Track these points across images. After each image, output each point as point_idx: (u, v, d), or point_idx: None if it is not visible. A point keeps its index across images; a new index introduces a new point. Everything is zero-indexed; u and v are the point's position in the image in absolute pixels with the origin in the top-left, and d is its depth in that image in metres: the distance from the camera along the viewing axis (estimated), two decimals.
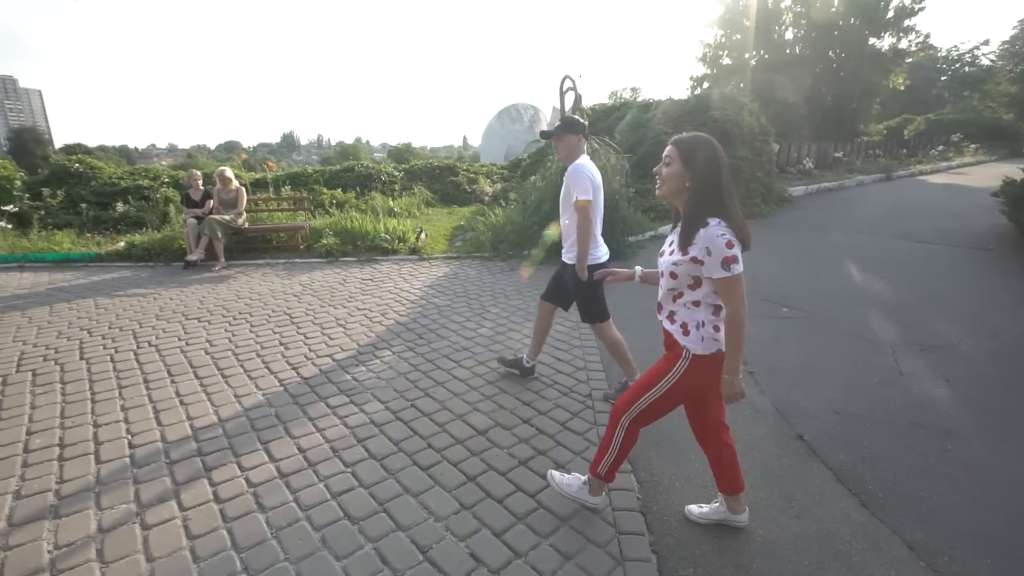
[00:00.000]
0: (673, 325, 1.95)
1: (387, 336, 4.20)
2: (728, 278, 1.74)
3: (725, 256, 1.72)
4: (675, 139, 1.88)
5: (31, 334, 4.22)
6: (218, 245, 6.52)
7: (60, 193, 8.96)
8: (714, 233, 1.73)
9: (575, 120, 3.00)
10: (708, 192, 1.78)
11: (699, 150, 1.81)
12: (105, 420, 2.88)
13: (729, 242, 1.73)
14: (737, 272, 1.74)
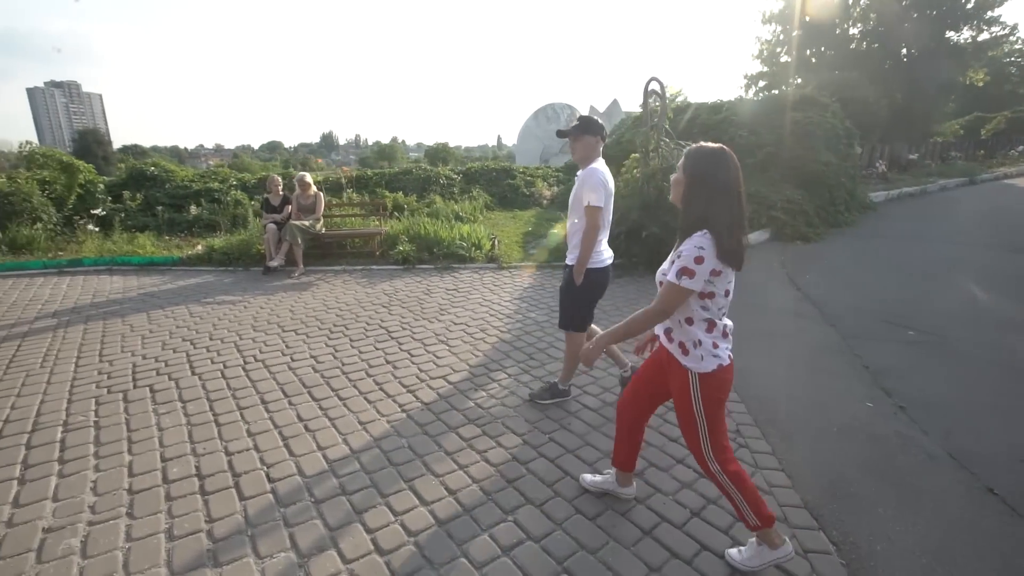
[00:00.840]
0: (671, 344, 1.93)
1: (495, 356, 3.97)
2: (674, 285, 1.75)
3: (685, 266, 1.72)
4: (687, 148, 1.86)
5: (137, 344, 4.18)
6: (297, 251, 6.46)
7: (139, 196, 9.17)
8: (693, 243, 1.73)
9: (593, 120, 2.86)
10: (702, 204, 1.76)
11: (701, 161, 1.79)
12: (236, 447, 2.73)
13: (699, 258, 1.71)
14: (684, 285, 1.73)
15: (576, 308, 3.06)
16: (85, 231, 7.86)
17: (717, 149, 1.81)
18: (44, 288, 5.89)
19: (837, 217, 9.08)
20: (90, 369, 3.69)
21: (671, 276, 1.76)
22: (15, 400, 3.22)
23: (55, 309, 5.12)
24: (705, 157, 1.80)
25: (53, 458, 2.62)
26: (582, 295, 2.99)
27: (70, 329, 4.53)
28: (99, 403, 3.19)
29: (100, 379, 3.52)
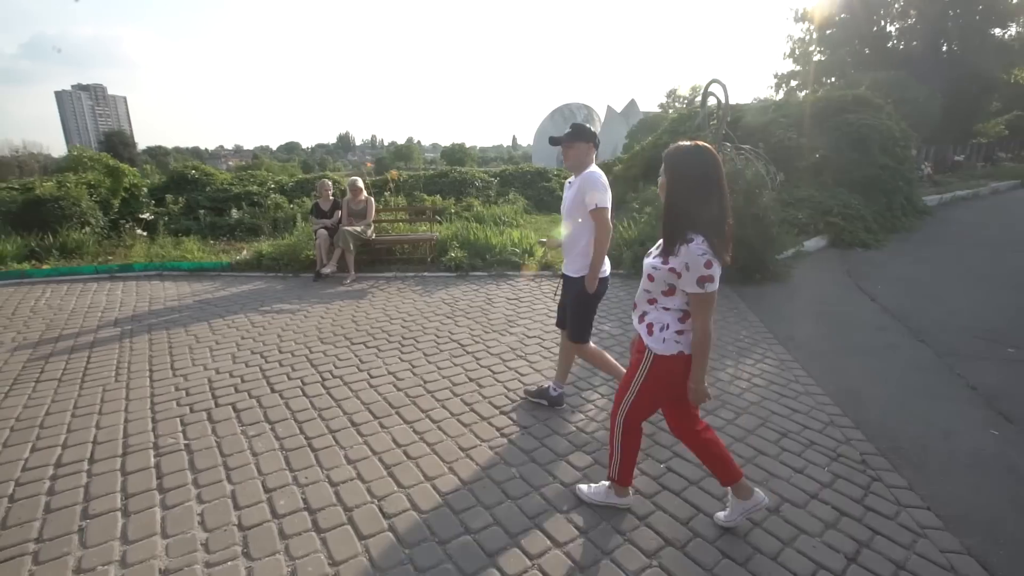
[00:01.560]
0: (641, 325, 2.03)
1: (581, 373, 3.77)
2: (701, 295, 1.81)
3: (701, 275, 1.78)
4: (665, 150, 1.92)
5: (206, 356, 4.05)
6: (349, 257, 6.33)
7: (181, 200, 9.15)
8: (695, 251, 1.78)
9: (586, 127, 2.88)
10: (685, 207, 1.81)
11: (678, 160, 1.83)
12: (339, 476, 2.56)
13: (708, 262, 1.78)
14: (711, 290, 1.81)
15: (587, 320, 3.04)
16: (132, 235, 7.84)
17: (694, 147, 1.83)
18: (100, 294, 5.83)
19: (895, 223, 8.73)
20: (166, 384, 3.56)
21: (691, 288, 1.82)
22: (99, 419, 3.10)
23: (115, 317, 5.04)
24: (683, 156, 1.84)
25: (152, 486, 2.48)
26: (591, 306, 3.00)
27: (135, 339, 4.43)
28: (184, 423, 3.05)
29: (179, 396, 3.40)
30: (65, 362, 3.96)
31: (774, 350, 4.32)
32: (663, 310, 1.95)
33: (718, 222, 1.80)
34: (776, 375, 3.84)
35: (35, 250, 7.10)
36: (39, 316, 5.07)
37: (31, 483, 2.49)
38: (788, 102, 10.78)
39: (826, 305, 5.49)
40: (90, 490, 2.45)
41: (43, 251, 7.13)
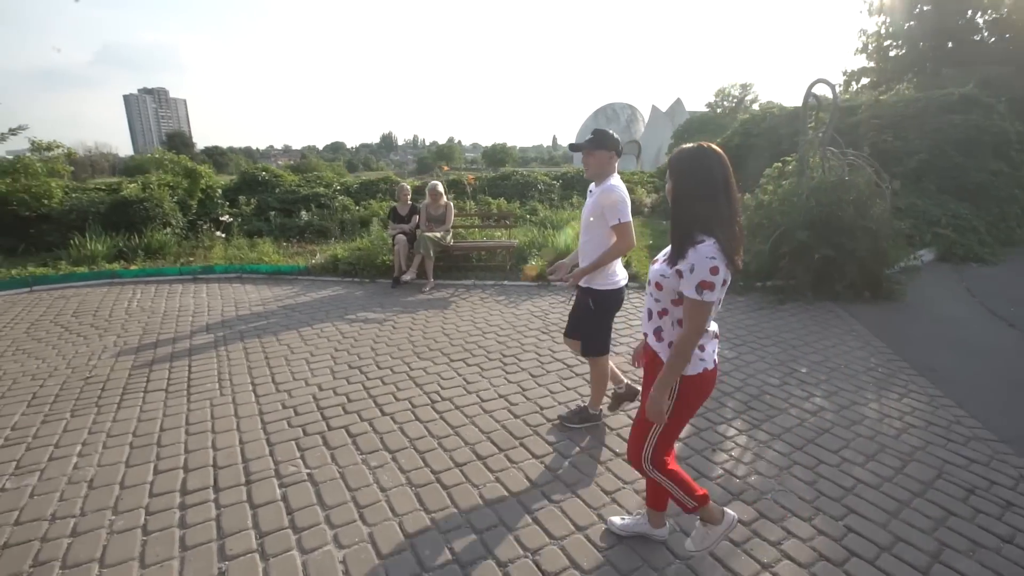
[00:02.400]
0: (660, 344, 1.91)
1: (710, 404, 3.43)
2: (696, 301, 1.71)
3: (703, 280, 1.68)
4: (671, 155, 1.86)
5: (304, 369, 3.92)
6: (429, 264, 6.16)
7: (253, 201, 9.26)
8: (704, 254, 1.68)
9: (608, 134, 2.74)
10: (691, 209, 1.74)
11: (682, 161, 1.77)
12: (480, 522, 2.30)
13: (714, 268, 1.67)
14: (708, 299, 1.70)
15: (601, 332, 2.96)
16: (211, 236, 7.95)
17: (698, 148, 1.76)
18: (186, 297, 5.86)
19: (1011, 235, 7.91)
20: (272, 401, 3.42)
21: (690, 293, 1.71)
22: (214, 438, 2.97)
23: (206, 322, 5.01)
24: (687, 158, 1.76)
25: (284, 523, 2.30)
26: (605, 319, 2.93)
27: (230, 347, 4.36)
28: (301, 447, 2.88)
29: (288, 415, 3.24)
30: (168, 370, 3.90)
31: (916, 382, 3.84)
32: (678, 325, 1.83)
33: (728, 223, 1.71)
34: (930, 414, 3.38)
35: (123, 250, 7.27)
36: (134, 319, 5.11)
37: (162, 512, 2.36)
38: (879, 102, 9.97)
39: (957, 330, 4.91)
40: (222, 524, 2.28)
41: (130, 251, 7.30)
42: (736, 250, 1.72)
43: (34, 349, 4.34)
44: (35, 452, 2.83)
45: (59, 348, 4.35)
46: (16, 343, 4.48)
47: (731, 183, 1.73)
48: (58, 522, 2.29)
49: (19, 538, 2.19)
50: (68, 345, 4.42)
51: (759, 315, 5.26)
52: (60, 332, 4.75)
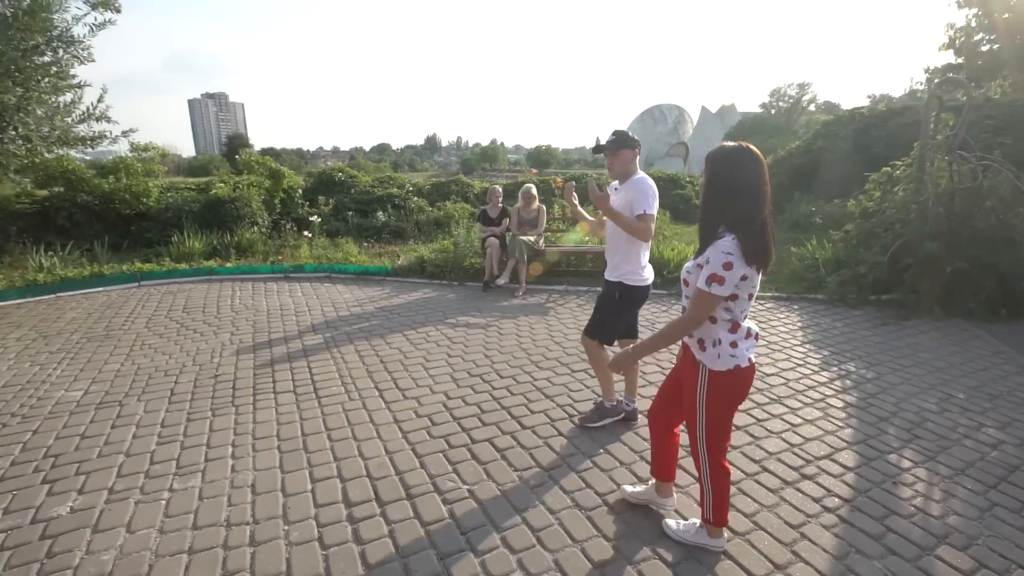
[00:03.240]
0: (691, 340, 1.95)
1: (859, 425, 3.14)
2: (703, 292, 1.76)
3: (714, 273, 1.72)
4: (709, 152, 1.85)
5: (423, 374, 3.85)
6: (522, 268, 6.04)
7: (331, 201, 9.44)
8: (721, 248, 1.73)
9: (628, 135, 2.81)
10: (721, 202, 1.77)
11: (720, 159, 1.79)
12: (674, 553, 2.15)
13: (728, 264, 1.71)
14: (715, 292, 1.74)
15: (612, 320, 2.96)
16: (292, 235, 8.13)
17: (735, 148, 1.78)
18: (283, 295, 5.95)
19: None
20: (404, 408, 3.35)
21: (701, 283, 1.76)
22: (359, 445, 2.91)
23: (311, 322, 5.05)
24: (722, 157, 1.78)
25: (462, 546, 2.17)
26: (622, 309, 2.94)
27: (342, 349, 4.35)
28: (451, 460, 2.76)
29: (424, 424, 3.16)
30: (290, 371, 3.91)
31: None
32: (709, 322, 1.87)
33: (752, 222, 1.73)
34: None
35: (216, 247, 7.51)
36: (240, 316, 5.20)
37: (333, 525, 2.29)
38: (991, 101, 9.20)
39: None
40: (398, 541, 2.19)
41: (222, 248, 7.53)
42: (761, 249, 1.75)
43: (158, 344, 4.46)
44: (191, 452, 2.84)
45: (180, 344, 4.46)
46: (140, 337, 4.62)
47: (764, 185, 1.75)
48: (234, 529, 2.26)
49: (203, 543, 2.17)
50: (188, 341, 4.53)
51: (885, 332, 4.87)
52: (176, 328, 4.88)
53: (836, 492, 2.59)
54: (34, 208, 7.98)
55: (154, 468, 2.69)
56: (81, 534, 2.22)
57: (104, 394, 3.53)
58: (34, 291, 5.86)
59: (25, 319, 5.13)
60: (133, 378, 3.78)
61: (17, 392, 3.56)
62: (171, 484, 2.56)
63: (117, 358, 4.16)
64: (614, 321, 2.97)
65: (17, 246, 7.51)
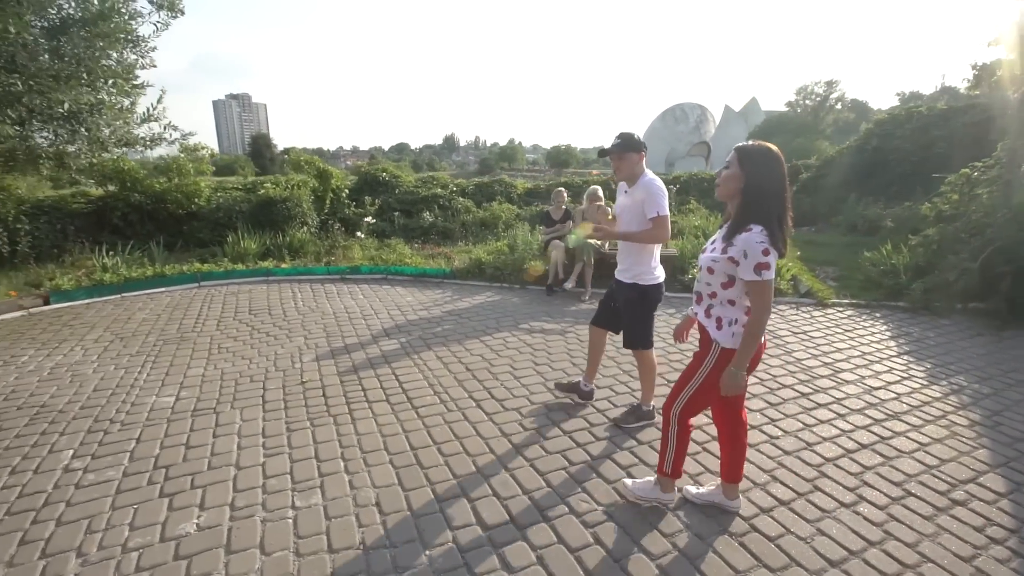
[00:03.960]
0: (709, 320, 2.12)
1: (994, 446, 2.93)
2: (758, 282, 1.90)
3: (759, 262, 1.87)
4: (738, 146, 2.00)
5: (515, 384, 3.70)
6: (588, 272, 5.88)
7: (377, 201, 9.37)
8: (754, 239, 1.87)
9: (635, 137, 2.85)
10: (758, 199, 1.92)
11: (758, 157, 1.94)
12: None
13: (766, 250, 1.87)
14: (767, 278, 1.89)
15: (645, 325, 3.04)
16: (347, 236, 8.07)
17: (768, 148, 1.96)
18: (345, 298, 5.87)
19: None
20: (509, 421, 3.20)
21: (748, 275, 1.91)
22: (473, 460, 2.78)
23: (381, 326, 4.94)
24: (761, 155, 1.94)
25: None
26: (647, 311, 3.02)
27: (422, 355, 4.23)
28: (577, 480, 2.63)
29: (534, 438, 3.02)
30: (376, 379, 3.80)
31: None
32: (728, 304, 2.05)
33: (781, 215, 1.93)
34: None
35: (269, 248, 7.48)
36: (308, 319, 5.13)
37: (476, 550, 2.15)
38: None
39: None
40: (551, 570, 2.05)
41: (275, 249, 7.49)
42: (784, 239, 1.94)
43: (235, 348, 4.40)
44: (303, 466, 2.73)
45: (257, 348, 4.39)
46: (215, 340, 4.56)
47: (786, 182, 1.96)
48: (373, 553, 2.13)
49: (346, 570, 2.05)
50: (264, 345, 4.45)
51: (983, 343, 4.60)
52: (248, 331, 4.81)
53: (998, 521, 2.39)
54: (89, 208, 8.03)
55: (270, 483, 2.59)
56: (215, 555, 2.12)
57: (196, 400, 3.46)
58: (100, 291, 5.86)
59: (96, 319, 5.12)
60: (220, 383, 3.71)
61: (109, 396, 3.51)
62: (293, 501, 2.45)
63: (198, 362, 4.10)
64: (649, 324, 3.05)
65: (76, 245, 7.57)
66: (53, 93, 5.10)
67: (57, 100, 5.13)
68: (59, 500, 2.46)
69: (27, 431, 3.07)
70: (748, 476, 2.65)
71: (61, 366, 4.03)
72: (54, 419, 3.21)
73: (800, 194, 11.07)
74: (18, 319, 5.16)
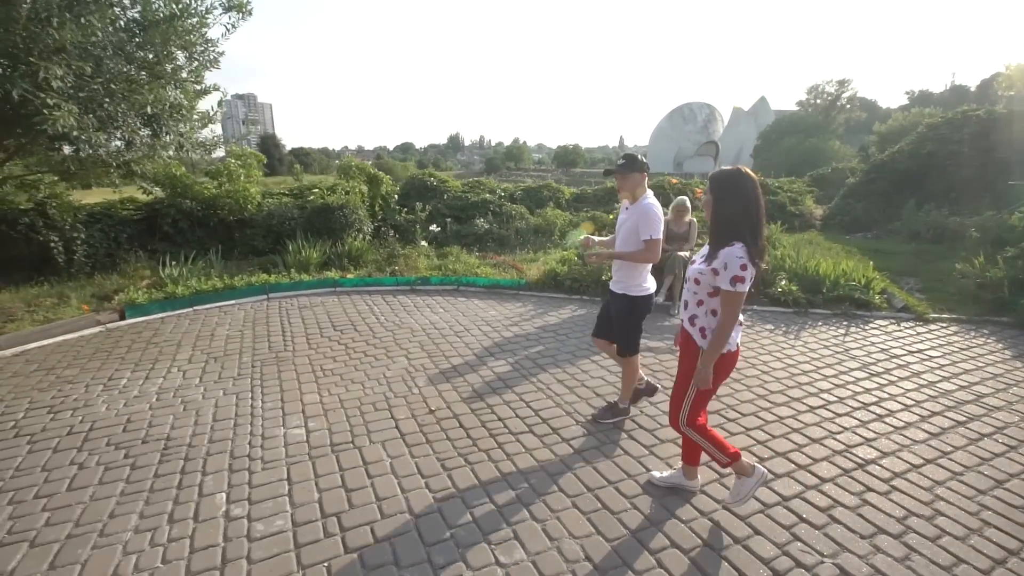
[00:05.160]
0: (693, 328, 2.33)
1: None
2: (731, 292, 2.12)
3: (735, 275, 2.10)
4: (711, 173, 2.31)
5: (659, 414, 3.52)
6: (678, 285, 5.68)
7: (428, 207, 9.14)
8: (735, 254, 2.10)
9: (639, 158, 3.01)
10: (728, 219, 2.16)
11: (725, 183, 2.19)
12: None
13: (743, 265, 2.09)
14: (740, 290, 2.11)
15: (635, 333, 3.21)
16: (403, 244, 7.84)
17: (737, 171, 2.20)
18: (425, 311, 5.66)
19: None
20: (674, 455, 3.03)
21: (726, 286, 2.12)
22: (663, 500, 2.59)
23: (480, 344, 4.72)
24: (728, 179, 2.19)
25: None
26: (637, 320, 3.19)
27: (540, 378, 4.02)
28: (789, 528, 2.44)
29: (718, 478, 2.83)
30: (508, 407, 3.57)
31: None
32: (711, 314, 2.25)
33: (754, 232, 2.12)
34: None
35: (330, 257, 7.26)
36: (399, 336, 4.91)
37: None
38: None
39: None
40: None
41: (335, 258, 7.28)
42: (760, 255, 2.14)
43: (338, 369, 4.19)
44: (487, 517, 2.49)
45: (363, 370, 4.18)
46: (313, 361, 4.35)
47: (761, 201, 2.16)
48: None
49: None
50: (368, 367, 4.24)
51: None
52: (343, 350, 4.60)
53: None
54: (138, 215, 7.81)
55: (459, 534, 2.38)
56: None
57: (329, 432, 3.25)
58: (173, 304, 5.65)
59: (178, 336, 4.90)
60: (344, 412, 3.50)
61: (234, 428, 3.30)
62: (495, 556, 2.25)
63: (308, 386, 3.89)
64: (637, 332, 3.22)
65: (130, 254, 7.36)
66: (134, 96, 4.88)
67: (141, 102, 4.91)
68: (237, 556, 2.26)
69: (165, 470, 2.87)
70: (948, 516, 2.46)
71: (166, 391, 3.82)
72: (187, 455, 3.01)
73: (849, 199, 10.87)
74: (98, 336, 4.95)
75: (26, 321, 5.05)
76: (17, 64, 3.97)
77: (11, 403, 3.65)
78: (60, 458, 2.98)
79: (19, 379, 4.05)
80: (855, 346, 4.73)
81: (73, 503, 2.60)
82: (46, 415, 3.49)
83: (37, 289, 6.14)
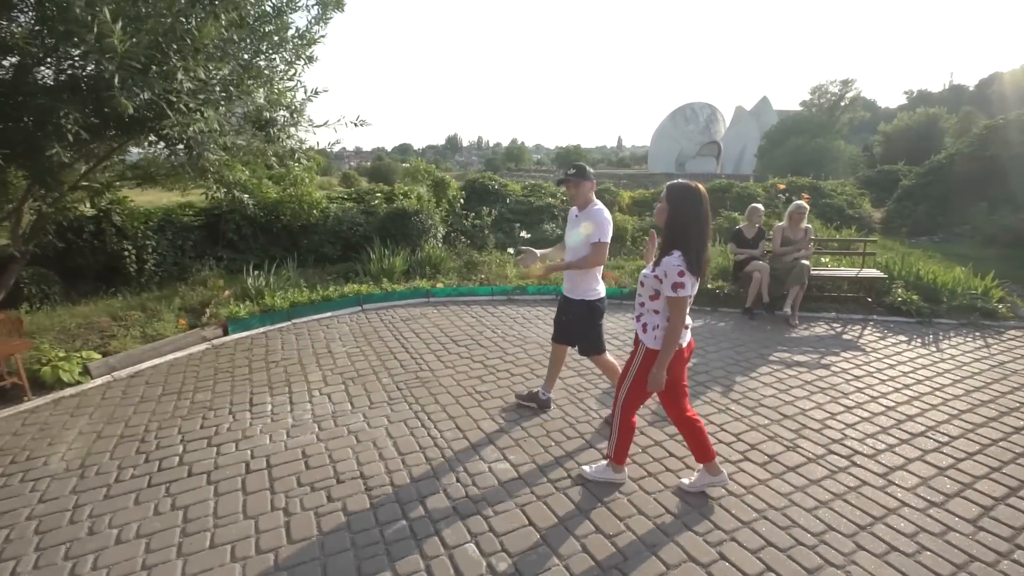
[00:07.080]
0: (638, 324, 2.55)
1: None
2: (673, 298, 2.33)
3: (675, 281, 2.30)
4: (669, 183, 2.49)
5: (851, 431, 3.31)
6: (800, 295, 5.49)
7: (493, 212, 8.85)
8: (672, 262, 2.31)
9: (587, 168, 3.17)
10: (677, 229, 2.37)
11: (682, 193, 2.38)
12: None
13: (681, 271, 2.29)
14: (682, 295, 2.31)
15: (596, 333, 3.38)
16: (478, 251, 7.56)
17: (691, 186, 2.38)
18: (539, 323, 5.41)
19: None
20: (913, 489, 2.82)
21: (668, 292, 2.33)
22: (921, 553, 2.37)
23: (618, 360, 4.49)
24: (685, 192, 2.38)
25: None
26: (595, 322, 3.36)
27: (711, 396, 3.81)
28: None
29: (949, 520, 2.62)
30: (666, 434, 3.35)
31: None
32: (653, 312, 2.47)
33: (699, 243, 2.34)
34: None
35: (411, 265, 6.96)
36: (532, 352, 4.64)
37: None
38: None
39: None
40: None
41: (416, 266, 6.98)
42: (702, 262, 2.34)
43: (495, 391, 3.91)
44: (745, 560, 2.29)
45: (518, 391, 3.91)
46: (459, 382, 4.06)
47: (708, 216, 2.37)
48: None
49: None
50: (523, 388, 3.97)
51: None
52: (481, 368, 4.33)
53: None
54: (199, 220, 7.43)
55: None
56: None
57: (535, 466, 2.97)
58: (272, 318, 5.32)
59: (291, 353, 4.59)
60: (537, 442, 3.23)
61: (432, 464, 3.00)
62: None
63: (476, 412, 3.60)
64: (599, 333, 3.37)
65: (195, 261, 7.00)
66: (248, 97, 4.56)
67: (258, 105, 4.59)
68: None
69: (385, 516, 2.57)
70: None
71: (322, 418, 3.52)
72: (399, 497, 2.72)
73: (905, 202, 10.80)
74: (207, 353, 4.62)
75: (127, 338, 4.70)
76: (150, 65, 3.63)
77: (162, 435, 3.33)
78: (258, 503, 2.68)
79: (151, 404, 3.73)
80: (1007, 359, 4.57)
81: (308, 560, 2.31)
82: (208, 448, 3.18)
83: (114, 301, 5.78)
